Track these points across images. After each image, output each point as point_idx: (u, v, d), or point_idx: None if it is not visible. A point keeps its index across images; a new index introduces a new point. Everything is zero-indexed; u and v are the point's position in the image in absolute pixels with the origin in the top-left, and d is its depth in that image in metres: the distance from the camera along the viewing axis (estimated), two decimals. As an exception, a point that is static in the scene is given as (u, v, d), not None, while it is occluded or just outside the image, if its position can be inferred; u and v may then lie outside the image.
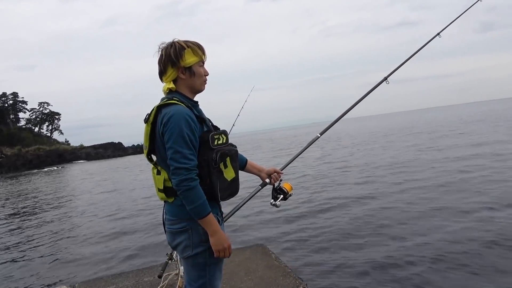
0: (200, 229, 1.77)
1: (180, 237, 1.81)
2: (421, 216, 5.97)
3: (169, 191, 1.82)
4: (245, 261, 4.26)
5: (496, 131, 19.21)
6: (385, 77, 2.73)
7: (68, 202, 13.86)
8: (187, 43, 1.86)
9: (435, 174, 9.38)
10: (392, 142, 21.28)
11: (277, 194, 2.21)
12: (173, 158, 1.69)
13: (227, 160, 1.84)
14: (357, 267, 4.33)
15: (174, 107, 1.75)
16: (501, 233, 4.80)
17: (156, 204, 9.96)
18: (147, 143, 1.86)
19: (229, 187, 1.87)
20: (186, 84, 1.87)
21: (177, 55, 1.81)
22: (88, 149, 69.82)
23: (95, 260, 6.03)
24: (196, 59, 1.86)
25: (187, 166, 1.67)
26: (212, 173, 1.77)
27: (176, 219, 1.82)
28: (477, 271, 3.87)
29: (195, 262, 1.80)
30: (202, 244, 1.78)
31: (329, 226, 6.05)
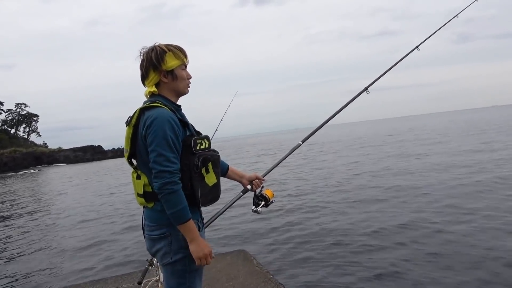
0: (180, 236, 1.74)
1: (159, 243, 1.78)
2: (405, 223, 6.08)
3: (149, 196, 1.80)
4: (226, 267, 4.24)
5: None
6: (365, 87, 2.79)
7: (43, 207, 13.49)
8: (168, 46, 1.85)
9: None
10: (366, 148, 21.64)
11: (259, 201, 2.21)
12: (156, 161, 1.67)
13: (209, 165, 1.83)
14: (340, 273, 4.35)
15: (158, 109, 1.73)
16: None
17: (135, 209, 9.81)
18: (128, 146, 1.83)
19: (210, 192, 1.85)
20: (169, 87, 1.86)
21: (159, 59, 1.81)
22: (66, 152, 68.34)
23: (72, 266, 5.87)
24: (178, 62, 1.85)
25: (170, 169, 1.66)
26: (194, 178, 1.76)
27: (155, 225, 1.79)
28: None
29: (174, 269, 1.78)
30: (181, 250, 1.75)
31: (311, 232, 6.08)
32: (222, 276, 3.98)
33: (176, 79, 1.86)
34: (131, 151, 1.84)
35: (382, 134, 38.19)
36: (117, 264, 5.68)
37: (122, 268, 5.40)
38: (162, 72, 1.83)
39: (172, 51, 1.84)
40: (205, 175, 1.81)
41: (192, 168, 1.75)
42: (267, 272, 3.99)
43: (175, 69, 1.84)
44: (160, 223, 1.77)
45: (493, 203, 6.59)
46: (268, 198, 2.22)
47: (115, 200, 12.65)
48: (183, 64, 1.88)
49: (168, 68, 1.83)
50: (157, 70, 1.82)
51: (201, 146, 1.81)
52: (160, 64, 1.81)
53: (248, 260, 4.42)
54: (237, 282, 3.79)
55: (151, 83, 1.85)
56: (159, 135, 1.67)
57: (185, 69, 1.91)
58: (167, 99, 1.86)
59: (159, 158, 1.67)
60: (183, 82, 1.89)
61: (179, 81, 1.87)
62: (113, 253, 6.28)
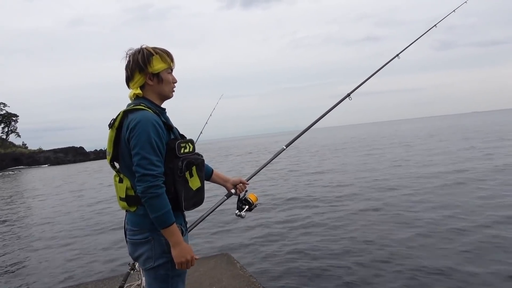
0: (162, 240, 1.73)
1: (142, 248, 1.76)
2: (379, 224, 6.16)
3: (131, 199, 1.78)
4: (209, 270, 4.21)
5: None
6: (348, 94, 2.83)
7: (21, 209, 13.18)
8: (155, 49, 1.84)
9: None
10: (346, 150, 21.90)
11: (243, 205, 2.21)
12: (140, 165, 1.64)
13: (193, 169, 1.82)
14: (323, 276, 4.38)
15: (142, 112, 1.72)
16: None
17: (116, 212, 9.67)
18: (111, 149, 1.80)
19: (194, 196, 1.84)
20: (154, 90, 1.85)
21: (145, 61, 1.80)
22: (47, 153, 66.95)
23: (51, 270, 5.74)
24: (164, 66, 1.85)
25: (153, 172, 1.64)
26: (177, 182, 1.74)
27: (138, 229, 1.77)
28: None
29: (157, 274, 1.75)
30: (164, 255, 1.74)
31: (294, 236, 6.10)
32: (205, 279, 3.95)
33: (162, 82, 1.85)
34: (113, 154, 1.81)
35: (339, 142, 37.52)
36: (97, 268, 5.58)
37: (103, 273, 5.31)
38: (148, 74, 1.82)
39: (159, 54, 1.83)
40: (189, 179, 1.80)
41: (175, 171, 1.73)
42: (250, 276, 3.98)
43: (161, 72, 1.84)
44: (142, 227, 1.75)
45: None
46: (252, 202, 2.22)
47: (95, 203, 12.43)
48: (169, 68, 1.88)
49: (154, 71, 1.82)
50: (143, 72, 1.81)
51: (185, 149, 1.80)
52: (147, 66, 1.80)
53: (232, 263, 4.40)
54: (221, 285, 3.77)
55: (136, 85, 1.83)
56: (143, 138, 1.66)
57: (171, 73, 1.91)
58: (152, 102, 1.84)
59: (142, 161, 1.65)
60: (168, 86, 1.88)
61: (165, 84, 1.86)
62: (93, 257, 6.16)
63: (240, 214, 2.18)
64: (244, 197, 2.24)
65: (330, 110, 2.77)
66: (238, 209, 2.20)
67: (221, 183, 2.24)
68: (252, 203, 2.22)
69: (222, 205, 2.23)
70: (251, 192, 2.27)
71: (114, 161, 1.85)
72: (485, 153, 14.47)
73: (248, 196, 2.24)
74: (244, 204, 2.21)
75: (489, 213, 6.18)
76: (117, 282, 3.97)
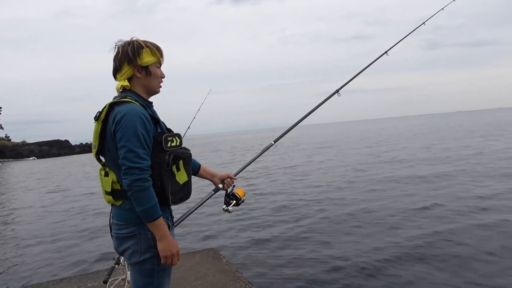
0: (149, 235, 1.72)
1: (127, 242, 1.75)
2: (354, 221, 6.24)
3: (117, 193, 1.76)
4: (195, 265, 4.20)
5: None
6: (336, 90, 2.84)
7: (3, 202, 12.93)
8: (146, 42, 1.83)
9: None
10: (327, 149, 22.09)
11: (230, 200, 2.20)
12: (126, 157, 1.63)
13: (180, 163, 1.81)
14: (309, 272, 4.41)
15: (128, 105, 1.70)
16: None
17: (101, 206, 9.57)
18: (97, 142, 1.78)
19: (181, 190, 1.82)
20: (141, 83, 1.83)
21: (135, 53, 1.78)
22: (31, 146, 65.71)
23: (34, 264, 5.66)
24: (154, 60, 1.83)
25: (140, 165, 1.63)
26: (164, 176, 1.73)
27: (123, 224, 1.75)
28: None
29: (142, 268, 1.75)
30: (150, 250, 1.73)
31: (281, 231, 6.13)
32: (191, 274, 3.95)
33: (150, 76, 1.83)
34: (99, 147, 1.79)
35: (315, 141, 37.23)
36: (81, 262, 5.52)
37: (87, 267, 5.26)
38: (137, 67, 1.80)
39: (149, 48, 1.81)
40: (176, 172, 1.79)
41: (162, 165, 1.72)
42: (236, 271, 3.99)
43: (150, 65, 1.82)
44: (128, 221, 1.74)
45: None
46: (239, 197, 2.22)
47: (80, 197, 12.28)
48: (158, 62, 1.86)
49: (143, 64, 1.80)
50: (132, 64, 1.79)
51: (172, 143, 1.78)
52: (136, 58, 1.78)
53: (218, 258, 4.40)
54: (206, 280, 3.77)
55: (124, 77, 1.81)
56: (129, 131, 1.64)
57: (160, 67, 1.89)
58: (138, 95, 1.82)
59: (129, 154, 1.63)
60: (156, 80, 1.86)
61: (153, 78, 1.84)
62: (77, 251, 6.10)
63: (227, 209, 2.18)
64: (232, 192, 2.23)
65: (319, 106, 2.77)
66: (226, 204, 2.19)
67: (209, 178, 2.23)
68: (240, 198, 2.22)
69: (209, 199, 2.23)
70: (238, 187, 2.27)
71: (100, 154, 1.83)
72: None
73: (235, 191, 2.23)
74: (231, 199, 2.21)
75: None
76: (102, 276, 3.94)
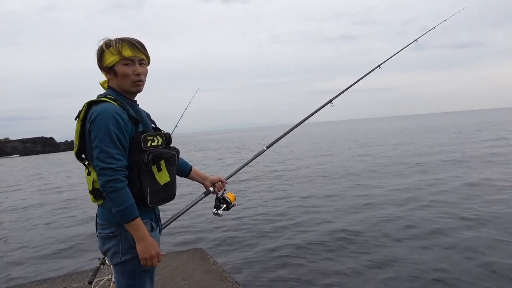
0: (129, 235, 1.69)
1: (109, 242, 1.73)
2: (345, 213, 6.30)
3: (97, 193, 1.74)
4: (182, 265, 4.19)
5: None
6: (329, 100, 2.92)
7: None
8: (110, 42, 1.76)
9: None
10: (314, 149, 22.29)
11: (220, 204, 2.20)
12: (99, 158, 1.61)
13: (162, 163, 1.77)
14: (296, 272, 4.42)
15: (103, 104, 1.68)
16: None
17: (88, 204, 9.44)
18: (77, 141, 1.77)
19: (162, 191, 1.78)
20: (114, 84, 1.81)
21: (99, 57, 1.79)
22: (14, 143, 64.44)
23: (16, 263, 5.56)
24: (116, 58, 1.74)
25: (113, 166, 1.60)
26: (142, 176, 1.70)
27: (105, 224, 1.74)
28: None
29: (124, 269, 1.73)
30: (131, 251, 1.70)
31: (268, 232, 6.14)
32: (177, 274, 3.93)
33: (117, 76, 1.77)
34: (79, 146, 1.78)
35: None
36: (66, 262, 5.44)
37: (71, 267, 5.18)
38: (105, 69, 1.79)
39: (111, 47, 1.74)
40: (157, 173, 1.75)
41: (141, 165, 1.70)
42: (223, 271, 3.98)
43: (115, 65, 1.76)
44: (109, 221, 1.72)
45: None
46: (229, 202, 2.21)
47: (66, 195, 12.10)
48: (125, 59, 1.74)
49: (108, 65, 1.77)
50: (100, 68, 1.81)
51: (152, 143, 1.76)
52: (101, 62, 1.78)
53: (205, 258, 4.39)
54: (193, 280, 3.75)
55: (105, 79, 1.84)
56: (102, 131, 1.62)
57: (132, 64, 1.77)
58: (120, 94, 1.80)
59: (101, 154, 1.61)
60: (126, 79, 1.77)
61: (121, 78, 1.77)
62: (61, 251, 6.01)
63: (217, 213, 2.17)
64: (223, 196, 2.22)
65: (312, 115, 2.87)
66: (216, 208, 2.18)
67: (200, 181, 2.21)
68: (230, 202, 2.22)
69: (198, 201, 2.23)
70: (229, 191, 2.26)
71: (81, 153, 1.81)
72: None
73: (226, 195, 2.23)
74: (222, 203, 2.20)
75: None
76: (87, 276, 3.89)
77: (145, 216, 1.73)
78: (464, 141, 20.17)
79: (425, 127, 43.13)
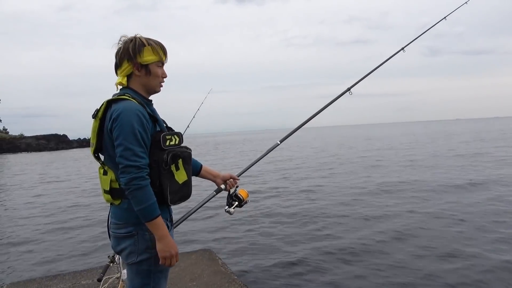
0: (146, 235, 1.69)
1: (125, 242, 1.72)
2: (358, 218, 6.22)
3: (115, 192, 1.73)
4: (190, 266, 4.17)
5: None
6: (348, 88, 2.71)
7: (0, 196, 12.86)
8: (149, 40, 1.79)
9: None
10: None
11: (232, 201, 2.13)
12: (123, 156, 1.60)
13: (179, 162, 1.78)
14: (307, 278, 4.38)
15: (125, 102, 1.67)
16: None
17: (99, 204, 9.52)
18: (95, 140, 1.76)
19: (180, 190, 1.78)
20: (141, 81, 1.80)
21: (135, 50, 1.74)
22: (29, 139, 65.39)
23: (27, 260, 5.62)
24: (155, 58, 1.79)
25: (137, 164, 1.60)
26: (162, 175, 1.69)
27: (122, 223, 1.73)
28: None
29: (139, 269, 1.72)
30: (148, 251, 1.70)
31: (278, 233, 6.11)
32: (186, 275, 3.92)
33: (149, 75, 1.80)
34: (97, 145, 1.77)
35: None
36: (75, 259, 5.49)
37: (81, 264, 5.22)
38: (136, 64, 1.77)
39: (151, 46, 1.78)
40: (175, 172, 1.76)
41: (160, 164, 1.69)
42: (232, 273, 3.96)
43: (150, 64, 1.78)
44: (126, 221, 1.71)
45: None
46: (242, 199, 2.14)
47: (76, 192, 12.23)
48: (160, 61, 1.81)
49: (143, 62, 1.76)
50: (131, 62, 1.76)
51: (170, 142, 1.76)
52: (136, 56, 1.75)
53: (213, 259, 4.37)
54: (201, 281, 3.74)
55: (123, 74, 1.79)
56: (126, 129, 1.61)
57: (162, 67, 1.84)
58: (137, 92, 1.79)
59: (126, 152, 1.60)
60: (155, 80, 1.82)
61: (152, 77, 1.80)
62: (72, 248, 6.06)
63: (229, 210, 2.12)
64: (235, 193, 2.16)
65: (329, 105, 2.65)
66: (228, 205, 2.12)
67: (211, 179, 2.17)
68: (243, 200, 2.14)
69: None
70: (241, 188, 2.19)
71: (98, 152, 1.80)
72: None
73: (238, 192, 2.16)
74: (234, 200, 2.13)
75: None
76: (96, 274, 3.90)
77: (162, 215, 1.72)
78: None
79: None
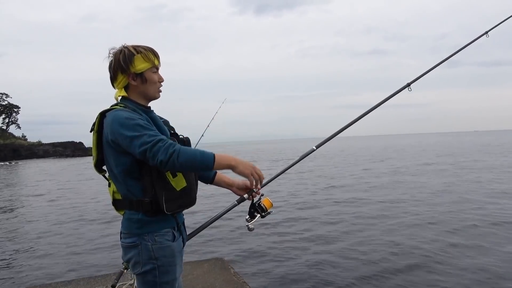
0: (149, 245, 1.68)
1: (130, 252, 1.72)
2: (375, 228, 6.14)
3: (118, 203, 1.75)
4: (203, 274, 4.18)
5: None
6: (408, 84, 2.59)
7: (17, 202, 13.12)
8: (137, 48, 1.75)
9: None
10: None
11: (255, 212, 1.92)
12: (141, 143, 1.55)
13: None
14: (318, 284, 4.34)
15: (115, 110, 1.67)
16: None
17: (112, 211, 9.59)
18: (95, 152, 1.76)
19: (179, 197, 1.70)
20: (138, 90, 1.78)
21: (126, 61, 1.71)
22: (46, 146, 66.78)
23: (43, 265, 5.70)
24: (148, 65, 1.75)
25: (158, 138, 1.56)
26: (156, 183, 1.65)
27: (127, 233, 1.73)
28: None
29: (145, 279, 1.71)
30: (151, 261, 1.68)
31: (292, 246, 6.06)
32: (198, 283, 3.92)
33: (146, 82, 1.76)
34: (98, 157, 1.77)
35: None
36: (90, 266, 5.54)
37: (96, 270, 5.27)
38: (131, 74, 1.74)
39: (141, 53, 1.74)
40: (171, 178, 1.69)
41: (153, 172, 1.65)
42: (244, 282, 3.95)
43: (144, 72, 1.75)
44: (130, 231, 1.71)
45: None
46: (265, 209, 1.93)
47: (93, 199, 12.38)
48: (153, 67, 1.77)
49: (137, 71, 1.73)
50: (125, 73, 1.73)
51: None
52: (128, 67, 1.72)
53: (225, 268, 4.37)
54: (213, 290, 3.74)
55: (120, 86, 1.77)
56: (128, 123, 1.59)
57: (157, 72, 1.80)
58: (136, 102, 1.78)
59: (140, 139, 1.55)
60: (153, 86, 1.78)
61: (149, 84, 1.77)
62: (87, 254, 6.13)
63: (248, 226, 1.92)
64: (259, 202, 1.94)
65: (387, 100, 2.53)
66: (250, 215, 1.93)
67: (226, 187, 2.04)
68: (266, 210, 1.93)
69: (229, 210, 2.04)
70: (266, 197, 1.97)
71: (100, 164, 1.80)
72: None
73: (262, 202, 1.94)
74: (257, 210, 1.93)
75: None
76: (110, 280, 3.94)
77: (166, 225, 1.71)
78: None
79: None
